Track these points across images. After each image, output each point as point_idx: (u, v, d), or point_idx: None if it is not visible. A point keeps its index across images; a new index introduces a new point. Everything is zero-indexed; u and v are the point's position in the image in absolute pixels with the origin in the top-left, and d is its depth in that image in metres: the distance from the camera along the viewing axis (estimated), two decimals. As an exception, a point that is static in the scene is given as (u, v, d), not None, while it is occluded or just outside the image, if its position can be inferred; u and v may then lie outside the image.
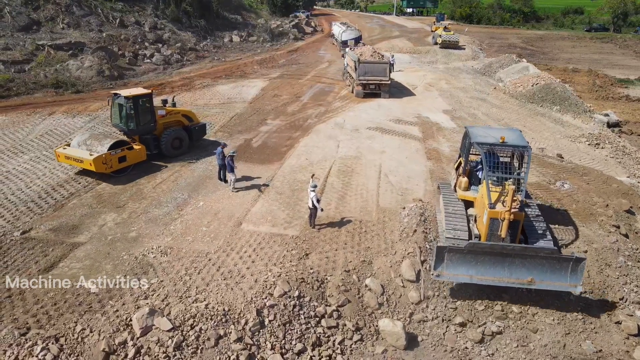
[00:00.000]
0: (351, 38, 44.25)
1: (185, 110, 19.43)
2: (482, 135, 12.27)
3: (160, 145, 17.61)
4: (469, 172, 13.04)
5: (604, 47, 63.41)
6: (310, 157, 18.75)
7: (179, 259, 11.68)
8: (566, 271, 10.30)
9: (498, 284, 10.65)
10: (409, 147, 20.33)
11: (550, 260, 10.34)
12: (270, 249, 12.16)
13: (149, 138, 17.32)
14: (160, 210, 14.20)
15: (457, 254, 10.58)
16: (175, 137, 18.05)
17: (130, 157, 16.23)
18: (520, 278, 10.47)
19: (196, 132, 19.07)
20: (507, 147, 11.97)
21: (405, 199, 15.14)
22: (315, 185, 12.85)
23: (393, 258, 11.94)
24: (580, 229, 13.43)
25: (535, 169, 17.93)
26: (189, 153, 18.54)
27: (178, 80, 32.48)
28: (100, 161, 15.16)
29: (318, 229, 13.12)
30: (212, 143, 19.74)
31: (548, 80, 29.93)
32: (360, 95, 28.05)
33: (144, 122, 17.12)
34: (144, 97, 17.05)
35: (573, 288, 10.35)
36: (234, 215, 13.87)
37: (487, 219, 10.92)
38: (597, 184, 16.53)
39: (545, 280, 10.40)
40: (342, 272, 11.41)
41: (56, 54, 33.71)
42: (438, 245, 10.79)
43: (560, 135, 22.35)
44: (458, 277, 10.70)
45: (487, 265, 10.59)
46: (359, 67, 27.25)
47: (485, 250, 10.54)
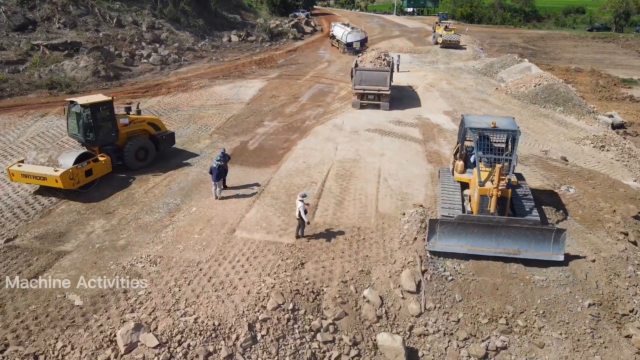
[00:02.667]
0: (357, 40, 43.53)
1: (151, 118, 18.20)
2: (475, 121, 13.42)
3: (123, 157, 16.32)
4: (465, 157, 14.05)
5: (606, 46, 62.80)
6: (308, 160, 18.24)
7: (168, 268, 11.18)
8: (549, 241, 11.27)
9: (487, 253, 11.47)
10: (409, 149, 19.82)
11: (534, 232, 11.32)
12: (264, 258, 11.67)
13: (110, 149, 15.98)
14: (152, 216, 13.71)
15: (449, 227, 11.56)
16: (140, 147, 16.69)
17: (97, 170, 15.03)
18: (507, 248, 11.41)
19: (163, 141, 17.67)
20: (498, 132, 12.99)
21: (406, 204, 14.64)
22: (305, 195, 12.20)
23: (392, 267, 11.44)
24: (587, 236, 12.92)
25: (539, 173, 17.44)
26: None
27: (175, 81, 32.00)
28: (68, 177, 13.84)
29: (307, 239, 12.58)
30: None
31: (551, 81, 29.40)
32: (356, 106, 25.54)
33: (105, 132, 15.88)
34: (104, 104, 15.80)
35: (556, 257, 11.26)
36: (228, 222, 13.37)
37: (478, 196, 12.01)
38: (604, 188, 16.01)
39: (530, 250, 11.35)
40: (339, 282, 10.92)
41: (51, 54, 33.23)
42: (430, 219, 11.81)
43: (564, 137, 21.82)
44: (450, 248, 11.59)
45: (477, 237, 11.53)
46: (356, 74, 24.88)
47: (474, 222, 11.50)
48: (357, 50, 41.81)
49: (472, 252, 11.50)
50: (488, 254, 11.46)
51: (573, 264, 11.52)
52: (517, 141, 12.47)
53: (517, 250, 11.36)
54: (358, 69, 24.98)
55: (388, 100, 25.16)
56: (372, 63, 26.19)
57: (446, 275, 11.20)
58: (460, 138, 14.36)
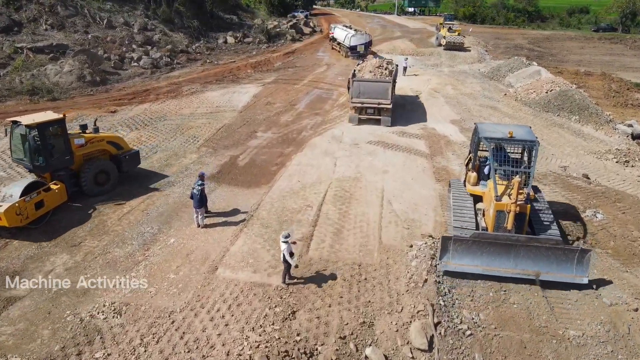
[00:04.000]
0: (361, 43, 41.08)
1: (111, 136, 16.05)
2: (490, 130, 12.57)
3: (80, 183, 14.25)
4: (478, 168, 13.20)
5: (613, 48, 60.98)
6: (304, 178, 16.51)
7: (135, 320, 9.45)
8: (572, 262, 10.44)
9: (504, 274, 10.66)
10: (415, 165, 18.08)
11: (556, 252, 10.49)
12: (249, 306, 9.94)
13: (64, 175, 13.86)
14: (123, 249, 11.98)
15: (462, 244, 10.75)
16: (100, 170, 14.61)
17: (49, 200, 12.85)
18: (525, 269, 10.59)
19: (127, 161, 15.58)
20: (515, 142, 12.15)
21: (413, 234, 12.91)
22: (288, 235, 10.39)
23: (399, 318, 9.71)
24: (624, 276, 11.18)
25: (559, 194, 15.70)
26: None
27: (165, 86, 30.26)
28: (14, 212, 11.70)
29: (300, 280, 10.84)
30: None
31: (564, 87, 27.61)
32: (354, 121, 22.57)
33: (56, 155, 13.70)
34: (54, 123, 13.63)
35: (579, 280, 10.42)
36: (209, 257, 11.64)
37: (494, 211, 11.17)
38: (635, 213, 14.28)
39: (551, 272, 10.51)
40: (336, 339, 9.17)
41: (35, 57, 31.47)
42: (443, 236, 11.07)
43: (583, 151, 20.04)
44: (464, 267, 10.77)
45: (493, 256, 10.71)
46: (353, 85, 22.01)
47: (490, 240, 10.70)
48: (361, 54, 39.60)
49: (487, 272, 10.72)
50: (505, 275, 10.66)
51: (613, 314, 9.80)
52: (535, 152, 11.74)
53: (537, 272, 10.57)
54: (356, 80, 22.10)
55: (390, 115, 22.34)
56: (371, 73, 23.57)
57: (463, 329, 9.47)
58: (473, 148, 13.54)
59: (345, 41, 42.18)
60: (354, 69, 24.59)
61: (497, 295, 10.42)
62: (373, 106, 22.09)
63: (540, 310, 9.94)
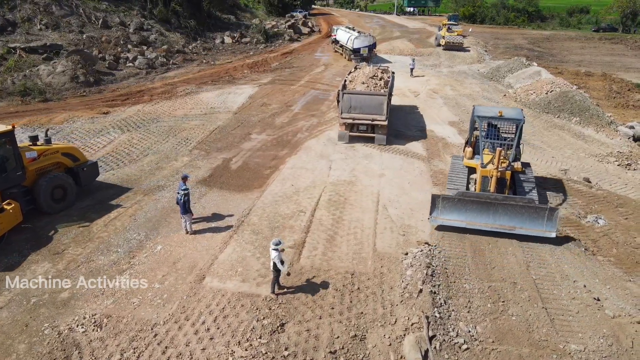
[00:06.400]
0: (364, 45, 39.89)
1: (66, 147, 14.70)
2: (484, 111, 14.96)
3: (35, 200, 13.03)
4: (475, 144, 14.91)
5: (614, 48, 60.53)
6: (297, 182, 16.09)
7: (115, 334, 9.03)
8: (543, 219, 12.06)
9: (484, 228, 12.42)
10: (412, 168, 17.66)
11: (529, 209, 12.15)
12: (235, 318, 9.51)
13: (17, 192, 12.51)
14: (107, 257, 11.55)
15: (450, 202, 12.64)
16: (56, 185, 13.40)
17: (2, 222, 11.40)
18: (502, 224, 12.32)
19: (85, 174, 14.46)
20: (504, 120, 14.27)
21: (408, 241, 12.48)
22: (279, 242, 9.93)
23: (393, 330, 9.29)
24: (627, 285, 10.76)
25: (560, 198, 15.27)
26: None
27: (160, 87, 29.85)
28: None
29: (290, 289, 10.43)
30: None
31: (564, 88, 27.18)
32: (344, 139, 19.81)
33: (6, 171, 12.38)
34: (1, 136, 12.23)
35: (548, 234, 12.02)
36: (197, 266, 11.22)
37: (480, 177, 13.45)
38: (638, 218, 13.86)
39: (525, 227, 12.18)
40: (326, 354, 8.75)
41: (28, 57, 31.05)
42: (433, 194, 12.92)
43: (584, 154, 19.60)
44: (451, 222, 12.66)
45: (475, 213, 12.54)
46: (343, 98, 19.23)
47: (472, 198, 12.52)
48: (365, 57, 38.54)
49: (470, 226, 12.50)
50: (486, 229, 12.38)
51: (616, 327, 9.37)
52: (520, 128, 13.88)
53: (512, 226, 12.21)
54: (346, 92, 19.30)
55: (385, 133, 19.56)
56: (364, 84, 20.77)
57: (459, 343, 9.04)
58: (471, 127, 15.50)
59: (348, 43, 40.56)
60: (344, 78, 22.50)
61: (495, 306, 10.00)
62: (366, 122, 19.39)
63: (540, 323, 9.52)
